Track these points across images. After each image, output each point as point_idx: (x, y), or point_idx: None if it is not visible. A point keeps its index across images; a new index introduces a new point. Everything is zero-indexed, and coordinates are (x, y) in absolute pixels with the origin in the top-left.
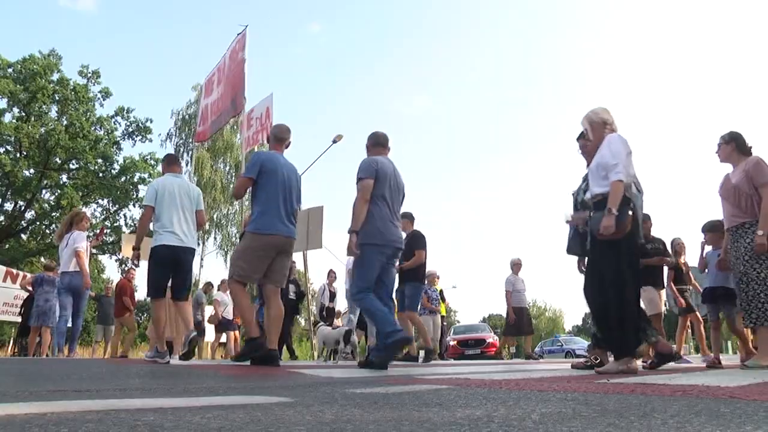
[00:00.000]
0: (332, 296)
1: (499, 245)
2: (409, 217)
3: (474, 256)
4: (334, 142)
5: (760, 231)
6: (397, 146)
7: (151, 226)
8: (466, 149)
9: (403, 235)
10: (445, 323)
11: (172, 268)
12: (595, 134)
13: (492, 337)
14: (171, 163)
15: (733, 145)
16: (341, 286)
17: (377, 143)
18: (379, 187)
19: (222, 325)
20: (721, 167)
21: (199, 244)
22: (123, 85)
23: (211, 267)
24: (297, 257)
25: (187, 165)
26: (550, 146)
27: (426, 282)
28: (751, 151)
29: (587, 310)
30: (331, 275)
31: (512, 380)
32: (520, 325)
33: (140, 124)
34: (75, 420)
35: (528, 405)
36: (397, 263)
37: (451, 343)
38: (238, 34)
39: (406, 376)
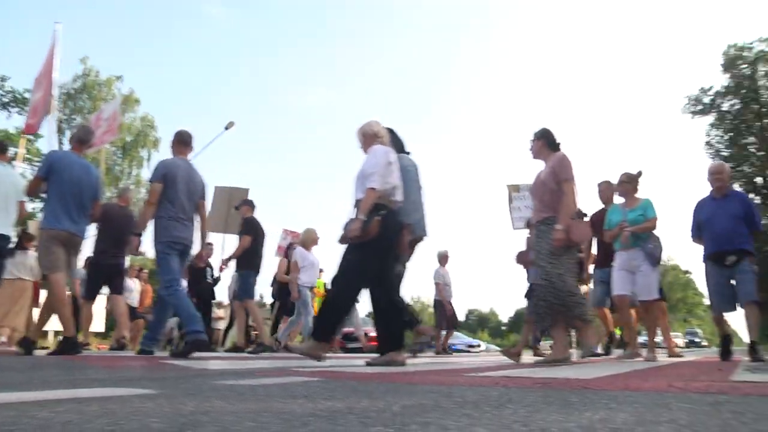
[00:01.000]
0: None
1: None
2: (248, 204)
3: None
4: (226, 128)
5: (559, 225)
6: (294, 137)
7: None
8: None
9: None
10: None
11: None
12: (366, 145)
13: (374, 331)
14: (1, 151)
15: (543, 142)
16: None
17: (180, 141)
18: (168, 189)
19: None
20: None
21: None
22: None
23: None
24: (216, 239)
25: (70, 141)
26: (446, 139)
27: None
28: (559, 147)
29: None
30: None
31: (385, 373)
32: (442, 319)
33: (17, 95)
34: None
35: (393, 397)
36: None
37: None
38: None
39: (281, 368)
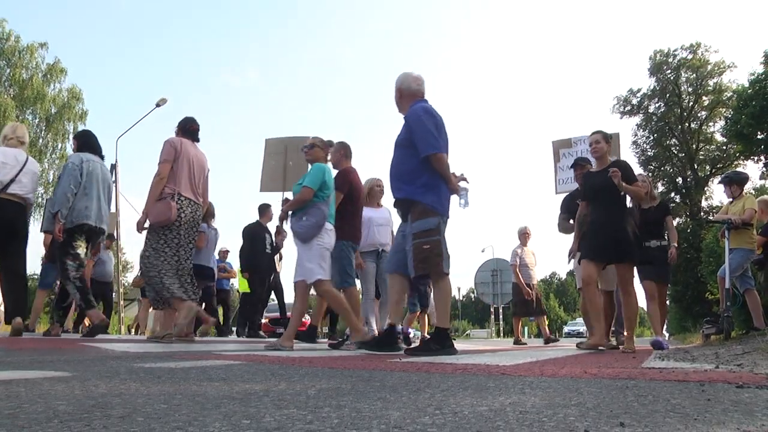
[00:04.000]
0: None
1: None
2: None
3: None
4: (158, 105)
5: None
6: (225, 117)
7: None
8: (292, 123)
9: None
10: None
11: None
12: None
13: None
14: None
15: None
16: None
17: None
18: None
19: None
20: None
21: None
22: None
23: None
24: (275, 198)
25: None
26: (375, 126)
27: None
28: (188, 135)
29: None
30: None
31: (306, 358)
32: (528, 304)
33: None
34: None
35: (311, 381)
36: None
37: (264, 320)
38: None
39: (205, 351)
